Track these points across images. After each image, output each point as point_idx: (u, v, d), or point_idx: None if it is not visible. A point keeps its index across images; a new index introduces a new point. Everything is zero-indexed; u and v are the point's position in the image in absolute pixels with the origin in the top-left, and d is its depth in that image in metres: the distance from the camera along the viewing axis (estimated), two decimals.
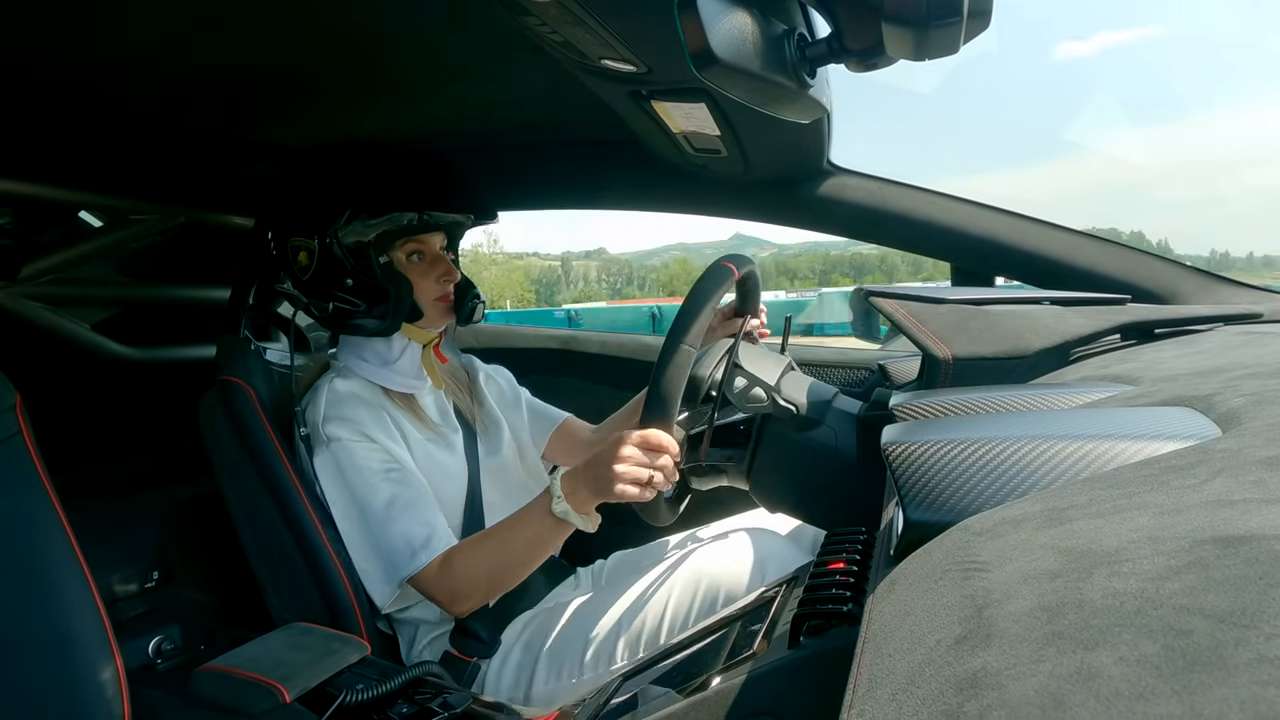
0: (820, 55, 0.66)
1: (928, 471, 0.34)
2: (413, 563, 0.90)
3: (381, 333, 1.01)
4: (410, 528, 0.92)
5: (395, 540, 0.91)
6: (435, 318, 1.04)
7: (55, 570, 0.71)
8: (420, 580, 0.90)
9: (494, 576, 0.89)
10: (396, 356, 1.03)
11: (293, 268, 1.01)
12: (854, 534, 0.65)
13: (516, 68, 0.89)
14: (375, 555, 0.94)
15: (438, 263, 1.03)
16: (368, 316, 0.99)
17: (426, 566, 0.90)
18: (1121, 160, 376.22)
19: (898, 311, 0.78)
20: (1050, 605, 0.20)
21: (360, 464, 0.94)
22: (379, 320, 0.99)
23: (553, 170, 1.28)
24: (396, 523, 0.92)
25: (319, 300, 1.00)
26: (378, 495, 0.93)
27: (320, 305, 1.00)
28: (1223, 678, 0.14)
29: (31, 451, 0.74)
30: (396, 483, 0.94)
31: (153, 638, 1.06)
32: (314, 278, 0.99)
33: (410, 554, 0.90)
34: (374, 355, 1.03)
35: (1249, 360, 0.50)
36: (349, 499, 0.95)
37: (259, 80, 0.93)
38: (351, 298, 0.99)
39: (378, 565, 0.94)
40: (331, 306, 0.99)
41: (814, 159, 1.07)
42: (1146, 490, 0.26)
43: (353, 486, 0.94)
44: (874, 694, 0.23)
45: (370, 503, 0.93)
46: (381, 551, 0.93)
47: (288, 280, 1.02)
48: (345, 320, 1.00)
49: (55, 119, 1.00)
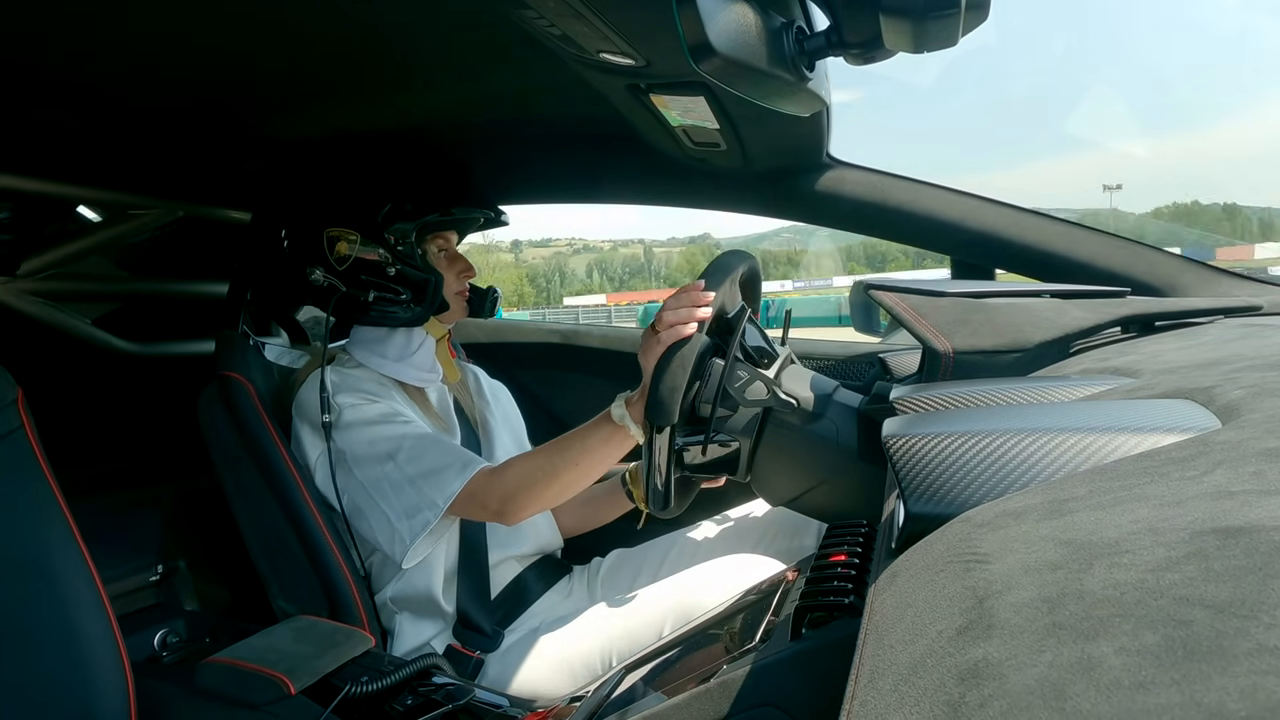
0: (819, 48, 0.66)
1: (929, 464, 0.34)
2: (465, 473, 0.92)
3: (413, 322, 1.05)
4: (448, 453, 0.95)
5: (441, 460, 0.93)
6: (457, 311, 1.10)
7: (59, 564, 0.71)
8: (473, 487, 0.91)
9: (546, 479, 0.90)
10: (416, 349, 1.06)
11: (328, 257, 1.02)
12: (855, 527, 0.66)
13: (514, 62, 0.88)
14: (413, 487, 0.93)
15: (458, 259, 1.09)
16: (405, 306, 1.03)
17: (478, 474, 0.92)
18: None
19: (898, 305, 0.78)
20: (1051, 596, 0.20)
21: (380, 418, 0.97)
22: (414, 310, 1.03)
23: (551, 164, 1.28)
24: (434, 450, 0.94)
25: (357, 289, 1.02)
26: (407, 436, 0.95)
27: (357, 294, 1.02)
28: (1222, 667, 0.15)
29: (34, 446, 0.74)
30: (416, 427, 0.97)
31: (157, 631, 1.06)
32: (353, 267, 1.02)
33: (461, 466, 0.92)
34: (394, 348, 1.06)
35: (1249, 353, 0.50)
36: (377, 451, 0.96)
37: (258, 76, 0.93)
38: (395, 286, 1.02)
39: (415, 496, 0.93)
40: (372, 295, 1.02)
41: (813, 152, 1.06)
42: (1147, 482, 0.26)
43: (375, 439, 0.96)
44: (876, 684, 0.23)
45: (398, 446, 0.95)
46: (426, 475, 0.93)
47: (319, 269, 1.03)
48: (379, 309, 1.02)
49: (55, 114, 1.00)
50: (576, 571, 1.14)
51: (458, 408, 1.11)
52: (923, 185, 1.09)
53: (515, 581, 1.05)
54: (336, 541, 0.99)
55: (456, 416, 1.09)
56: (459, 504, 0.92)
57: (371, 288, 1.02)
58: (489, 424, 1.14)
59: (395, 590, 1.00)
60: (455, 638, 0.97)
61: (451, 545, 1.01)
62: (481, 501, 0.92)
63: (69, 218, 1.33)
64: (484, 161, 1.27)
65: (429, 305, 1.03)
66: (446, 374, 1.10)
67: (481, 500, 0.92)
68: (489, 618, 0.98)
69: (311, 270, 1.02)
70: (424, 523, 0.92)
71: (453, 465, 0.93)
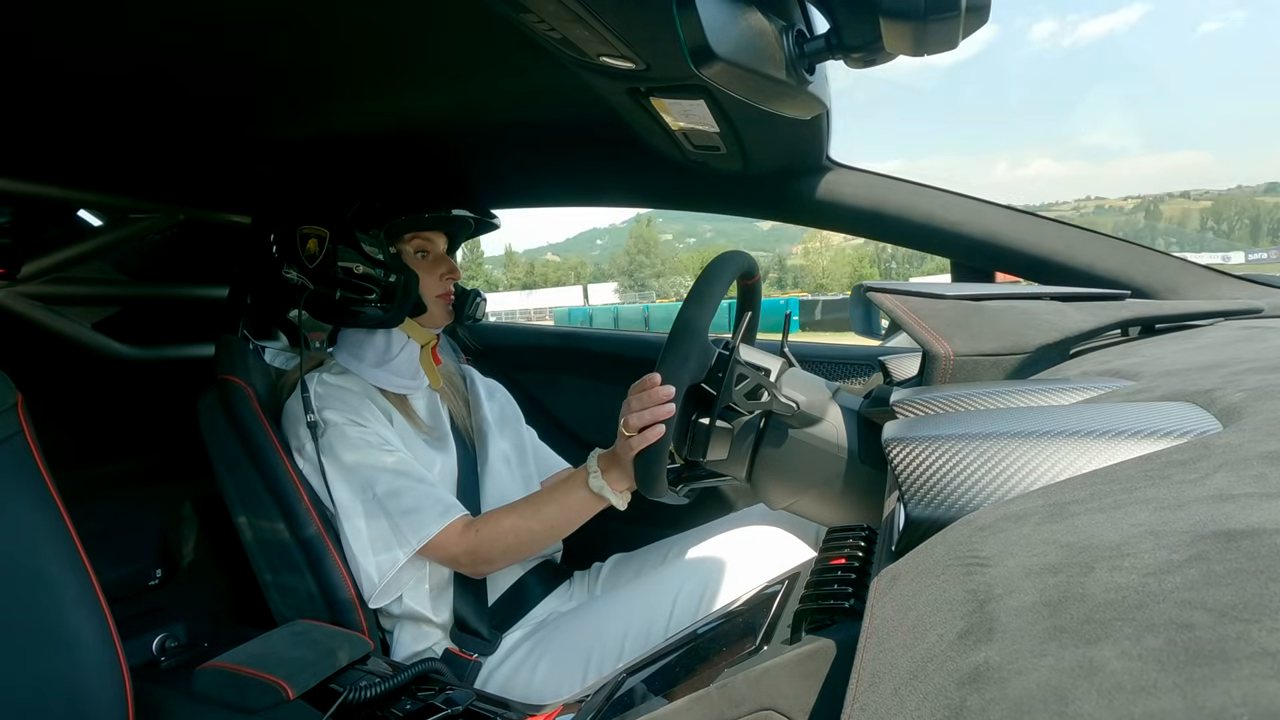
0: (819, 51, 0.66)
1: (929, 468, 0.34)
2: (443, 519, 0.91)
3: (384, 324, 1.02)
4: (428, 495, 0.94)
5: (420, 501, 0.93)
6: (437, 315, 1.07)
7: (57, 569, 0.71)
8: (444, 536, 0.91)
9: (520, 541, 0.91)
10: (395, 354, 1.04)
11: (300, 255, 1.01)
12: (855, 530, 0.65)
13: (514, 65, 0.89)
14: (389, 520, 0.93)
15: (441, 261, 1.07)
16: (373, 305, 1.00)
17: (451, 524, 0.92)
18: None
19: (898, 308, 0.78)
20: (1052, 600, 0.20)
21: (361, 444, 0.96)
22: (383, 310, 1.01)
23: (550, 167, 1.28)
24: (412, 492, 0.93)
25: (325, 287, 1.01)
26: (385, 470, 0.94)
27: (326, 293, 1.01)
28: (1225, 671, 0.14)
29: (33, 451, 0.74)
30: (401, 461, 0.96)
31: (156, 635, 1.06)
32: (322, 264, 1.00)
33: (439, 512, 0.92)
34: (373, 352, 1.04)
35: (1250, 355, 0.50)
36: (355, 479, 0.95)
37: (257, 79, 0.93)
38: (360, 284, 1.00)
39: (389, 531, 0.93)
40: (339, 294, 1.00)
41: (813, 155, 1.07)
42: (1147, 485, 0.26)
43: (357, 464, 0.95)
44: (876, 688, 0.23)
45: (377, 477, 0.94)
46: (405, 512, 0.92)
47: (293, 269, 1.02)
48: (349, 309, 1.01)
49: (56, 117, 1.00)
50: (576, 576, 1.13)
51: (450, 417, 1.11)
52: (922, 188, 1.09)
53: (516, 585, 1.05)
54: (336, 546, 0.99)
55: (449, 424, 1.09)
56: (432, 548, 0.92)
57: (339, 286, 1.00)
58: (484, 432, 1.13)
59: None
60: (454, 642, 0.97)
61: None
62: (452, 554, 0.93)
63: (69, 222, 1.33)
64: (482, 164, 1.27)
65: (399, 305, 1.01)
66: (430, 381, 1.08)
67: (452, 553, 0.92)
68: (487, 622, 0.98)
69: (287, 269, 1.02)
70: (393, 561, 0.92)
71: (432, 508, 0.93)
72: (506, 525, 0.91)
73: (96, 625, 0.72)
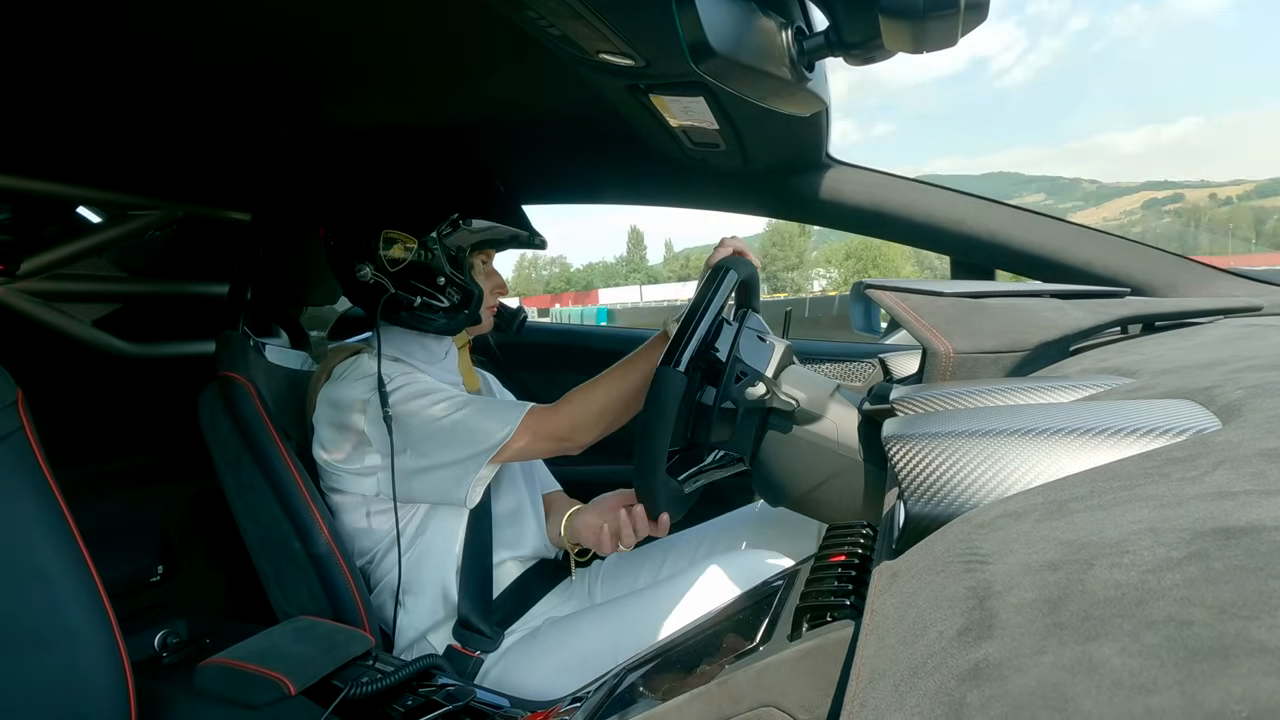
0: (818, 48, 0.66)
1: (929, 465, 0.34)
2: (521, 409, 0.95)
3: (447, 331, 1.07)
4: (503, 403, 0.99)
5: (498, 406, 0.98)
6: (485, 325, 1.13)
7: (59, 565, 0.71)
8: (540, 413, 0.95)
9: (612, 407, 0.95)
10: (443, 356, 1.09)
11: (380, 257, 1.03)
12: (855, 527, 0.65)
13: (512, 63, 0.88)
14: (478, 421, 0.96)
15: (494, 274, 1.12)
16: (445, 314, 1.04)
17: (533, 408, 0.96)
18: None
19: (898, 305, 0.78)
20: (1052, 597, 0.20)
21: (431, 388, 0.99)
22: (451, 318, 1.05)
23: (549, 165, 1.28)
24: (490, 404, 0.99)
25: (406, 292, 1.03)
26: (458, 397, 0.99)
27: (406, 298, 1.03)
28: (1224, 668, 0.15)
29: (34, 447, 0.74)
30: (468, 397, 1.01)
31: (158, 632, 1.06)
32: (406, 271, 1.03)
33: (517, 408, 0.96)
34: (422, 352, 1.08)
35: (1249, 353, 0.50)
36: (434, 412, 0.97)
37: (257, 75, 0.93)
38: (443, 294, 1.04)
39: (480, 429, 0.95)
40: (419, 300, 1.03)
41: (813, 152, 1.07)
42: (1147, 482, 0.26)
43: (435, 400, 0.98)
44: (876, 685, 0.23)
45: (456, 401, 0.97)
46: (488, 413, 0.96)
47: (367, 266, 1.03)
48: (419, 314, 1.04)
49: (56, 114, 1.00)
50: (577, 574, 1.14)
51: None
52: (922, 185, 1.09)
53: (517, 582, 1.05)
54: (337, 542, 0.99)
55: None
56: (523, 432, 0.94)
57: (419, 293, 1.03)
58: None
59: (406, 577, 1.00)
60: (455, 638, 0.97)
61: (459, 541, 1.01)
62: (550, 425, 0.96)
63: (69, 218, 1.33)
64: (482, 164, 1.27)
65: (468, 317, 1.06)
66: (467, 383, 1.12)
67: (550, 423, 0.96)
68: (489, 618, 0.98)
69: (360, 267, 1.03)
70: (491, 448, 0.94)
71: (511, 408, 0.97)
72: (597, 394, 0.96)
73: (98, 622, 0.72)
